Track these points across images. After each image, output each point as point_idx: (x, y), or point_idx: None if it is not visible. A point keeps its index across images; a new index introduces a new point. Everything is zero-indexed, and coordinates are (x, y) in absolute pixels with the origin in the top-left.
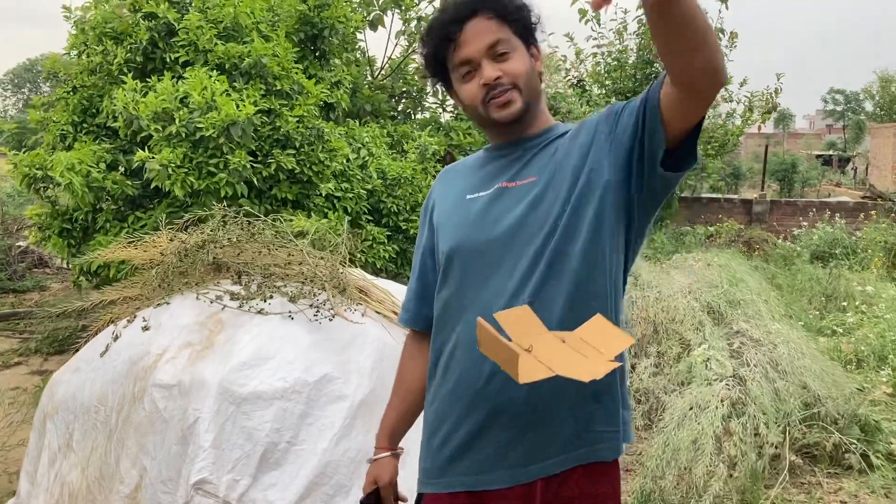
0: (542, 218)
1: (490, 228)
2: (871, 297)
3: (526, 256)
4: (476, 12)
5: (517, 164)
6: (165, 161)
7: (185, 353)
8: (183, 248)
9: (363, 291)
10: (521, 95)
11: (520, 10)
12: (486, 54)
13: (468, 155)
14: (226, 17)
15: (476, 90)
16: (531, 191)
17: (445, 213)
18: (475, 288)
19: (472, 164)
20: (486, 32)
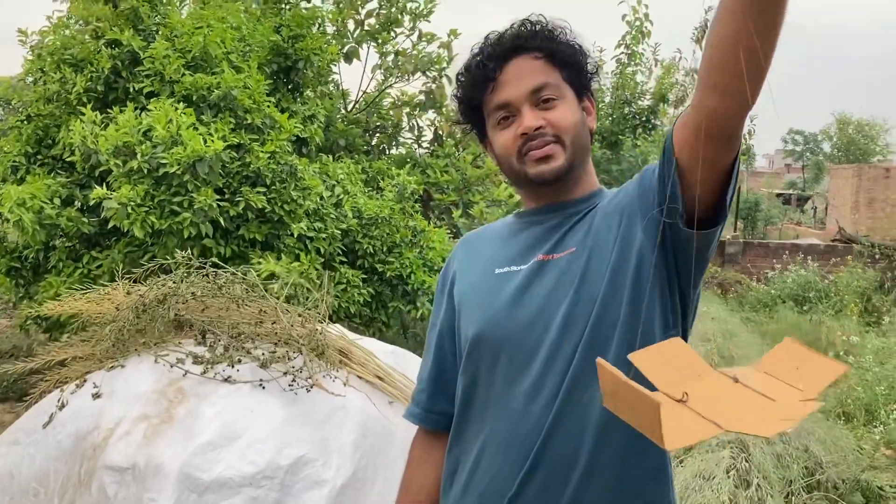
0: (588, 300)
1: (530, 312)
2: (855, 346)
3: (569, 344)
4: (522, 49)
5: (555, 233)
6: (125, 199)
7: (141, 428)
8: (141, 303)
9: (343, 353)
10: (564, 151)
11: (574, 54)
12: (528, 99)
13: (446, 193)
14: (195, 47)
15: (511, 140)
16: (574, 267)
17: (470, 290)
18: (507, 381)
19: (500, 231)
20: (530, 74)
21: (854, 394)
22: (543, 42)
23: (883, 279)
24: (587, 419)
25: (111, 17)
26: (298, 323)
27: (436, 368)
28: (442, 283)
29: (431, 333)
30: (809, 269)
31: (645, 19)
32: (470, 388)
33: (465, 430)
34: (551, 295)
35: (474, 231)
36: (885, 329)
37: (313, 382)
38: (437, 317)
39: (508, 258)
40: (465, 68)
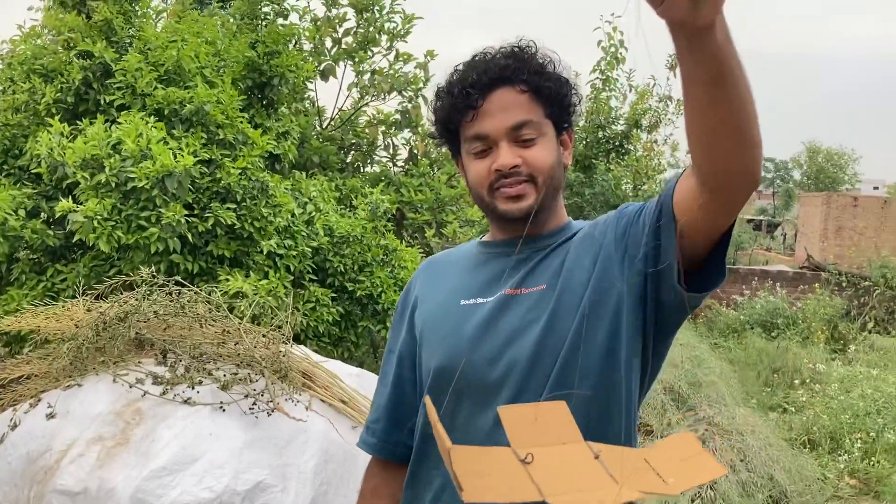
0: (558, 339)
1: (494, 348)
2: (821, 374)
3: (536, 384)
4: (508, 81)
5: (523, 267)
6: (91, 212)
7: (95, 451)
8: (101, 321)
9: (307, 375)
10: (535, 191)
11: (560, 89)
12: (507, 135)
13: (418, 212)
14: (168, 60)
15: (485, 172)
16: (543, 304)
17: (433, 319)
18: (468, 418)
19: (464, 258)
20: (513, 108)
21: (819, 422)
22: (531, 76)
23: (850, 307)
24: None
25: (84, 29)
26: (262, 344)
27: (394, 397)
28: (402, 307)
29: (389, 359)
30: (778, 295)
31: (620, 45)
32: (428, 422)
33: (423, 466)
34: (518, 331)
35: (437, 255)
36: (851, 357)
37: (275, 406)
38: (395, 342)
39: (474, 289)
40: (447, 89)
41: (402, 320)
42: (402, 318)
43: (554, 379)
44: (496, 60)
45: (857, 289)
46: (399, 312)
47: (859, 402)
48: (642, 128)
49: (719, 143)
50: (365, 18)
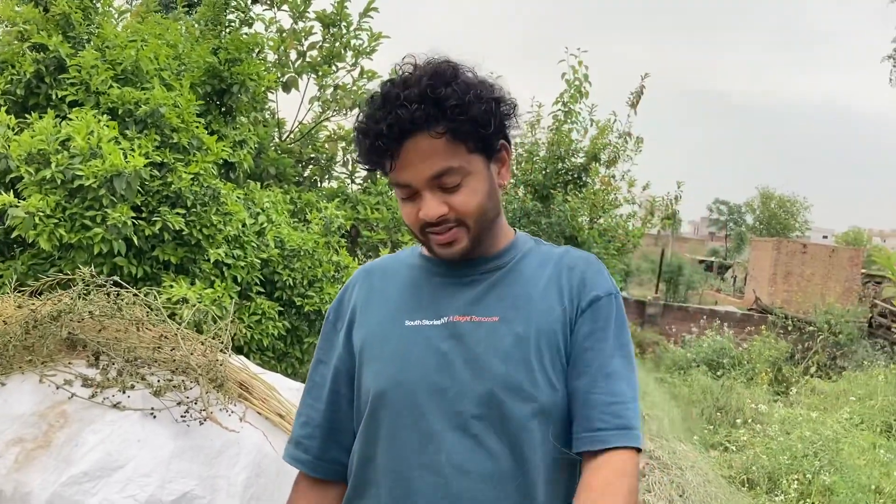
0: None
1: (446, 377)
2: (763, 414)
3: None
4: (420, 128)
5: (469, 290)
6: (33, 208)
7: (13, 453)
8: (32, 318)
9: (244, 386)
10: (468, 234)
11: (482, 118)
12: (428, 184)
13: (374, 230)
14: (126, 60)
15: (414, 217)
16: (497, 337)
17: (377, 339)
18: (409, 446)
19: (405, 271)
20: (430, 157)
21: (759, 461)
22: (445, 120)
23: (794, 351)
24: None
25: (40, 21)
26: (199, 351)
27: (329, 413)
28: (335, 316)
29: (321, 371)
30: (725, 335)
31: (584, 80)
32: (369, 447)
33: (364, 493)
34: (472, 363)
35: (375, 263)
36: (793, 400)
37: (207, 415)
38: (328, 354)
39: (419, 309)
40: (360, 129)
41: (336, 332)
42: (334, 329)
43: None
44: (404, 108)
45: (801, 333)
46: (331, 321)
47: (798, 444)
48: (601, 162)
49: None
50: (331, 33)
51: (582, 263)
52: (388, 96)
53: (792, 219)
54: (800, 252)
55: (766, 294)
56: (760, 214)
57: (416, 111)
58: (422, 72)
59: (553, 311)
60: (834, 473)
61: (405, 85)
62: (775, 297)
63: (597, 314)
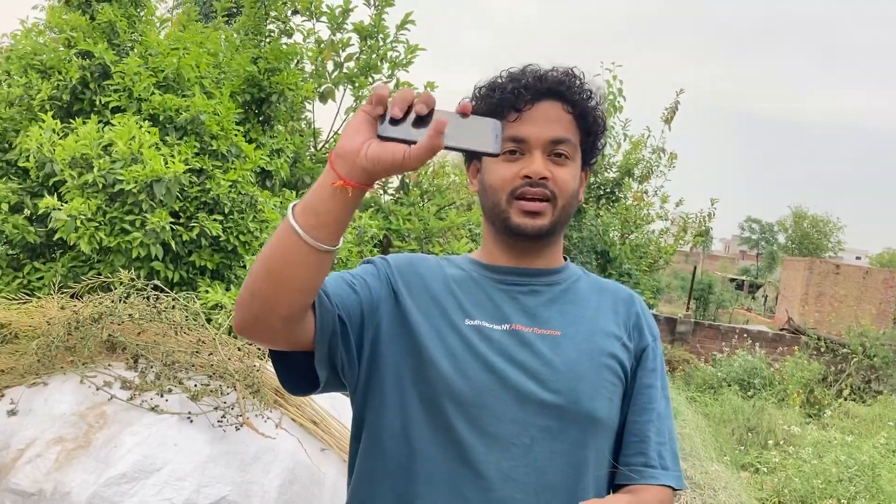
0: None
1: (511, 383)
2: (796, 436)
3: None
4: (559, 96)
5: (529, 299)
6: (75, 212)
7: (54, 452)
8: (74, 320)
9: (280, 393)
10: (553, 212)
11: (598, 123)
12: (544, 146)
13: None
14: (168, 67)
15: (511, 177)
16: (560, 351)
17: (429, 331)
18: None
19: (452, 273)
20: (557, 122)
21: (791, 484)
22: (581, 99)
23: (827, 372)
24: None
25: (87, 29)
26: (236, 357)
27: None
28: (378, 267)
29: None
30: (756, 355)
31: (618, 94)
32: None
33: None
34: (535, 374)
35: (414, 257)
36: (826, 422)
37: (244, 421)
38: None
39: (478, 310)
40: (492, 87)
41: (380, 278)
42: (378, 274)
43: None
44: (552, 73)
45: (835, 355)
46: (376, 265)
47: (832, 468)
48: (634, 177)
49: None
50: (368, 45)
51: (637, 303)
52: (533, 66)
53: (825, 239)
54: (833, 273)
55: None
56: (793, 234)
57: (562, 81)
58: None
59: (613, 337)
60: (871, 500)
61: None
62: (807, 317)
63: (653, 356)
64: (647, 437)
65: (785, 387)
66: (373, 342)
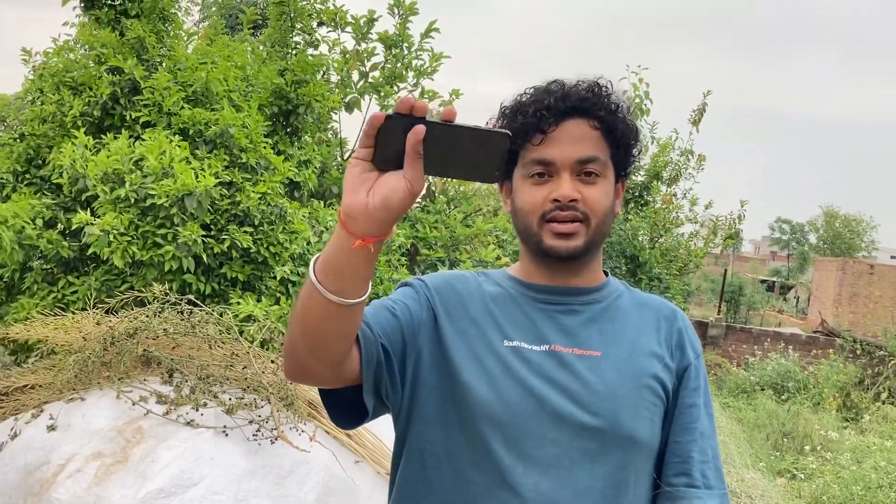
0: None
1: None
2: (833, 441)
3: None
4: (584, 113)
5: (568, 318)
6: (108, 226)
7: (93, 467)
8: (110, 335)
9: (314, 405)
10: (586, 233)
11: (629, 135)
12: (572, 167)
13: (432, 248)
14: (196, 81)
15: (541, 200)
16: (600, 372)
17: (467, 352)
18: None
19: (492, 289)
20: (583, 141)
21: (829, 491)
22: (607, 113)
23: (863, 375)
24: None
25: (116, 45)
26: (270, 370)
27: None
28: (418, 290)
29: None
30: (790, 358)
31: (645, 97)
32: (456, 461)
33: None
34: (575, 396)
35: (451, 275)
36: (864, 427)
37: (278, 434)
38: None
39: (517, 330)
40: (517, 108)
41: (419, 300)
42: (417, 296)
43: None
44: (575, 90)
45: (871, 357)
46: (415, 289)
47: (871, 474)
48: (662, 180)
49: None
50: (393, 54)
51: (679, 319)
52: (557, 83)
53: (857, 238)
54: (867, 273)
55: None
56: (824, 234)
57: (586, 97)
58: (584, 77)
59: (654, 356)
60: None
61: (571, 80)
62: (841, 318)
63: (696, 374)
64: (690, 458)
65: (820, 390)
66: (415, 367)
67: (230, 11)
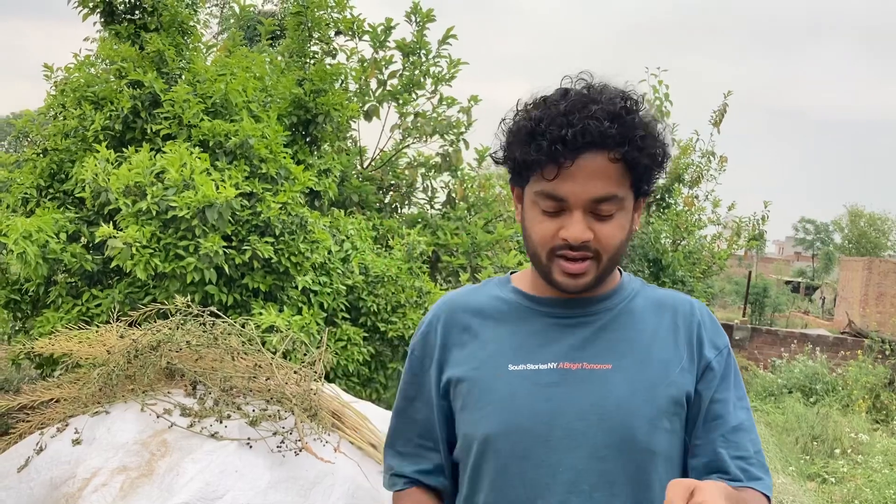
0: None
1: (559, 426)
2: (863, 444)
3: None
4: (602, 146)
5: (577, 332)
6: (130, 239)
7: (118, 481)
8: (133, 348)
9: (337, 416)
10: (597, 268)
11: (654, 158)
12: (585, 206)
13: (454, 255)
14: (216, 93)
15: (551, 235)
16: (611, 387)
17: (475, 382)
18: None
19: (498, 307)
20: (600, 179)
21: (862, 495)
22: (630, 148)
23: (893, 376)
24: None
25: (136, 59)
26: (293, 381)
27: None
28: (422, 352)
29: (420, 409)
30: (817, 360)
31: (665, 99)
32: (474, 494)
33: None
34: (585, 414)
35: (458, 297)
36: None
37: (302, 445)
38: (421, 393)
39: (523, 352)
40: (529, 133)
41: (425, 370)
42: (422, 367)
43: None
44: (596, 120)
45: None
46: (418, 358)
47: None
48: (684, 182)
49: None
50: (411, 62)
51: (698, 313)
52: (577, 104)
53: (883, 237)
54: (893, 272)
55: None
56: (849, 233)
57: (607, 131)
58: (611, 93)
59: (671, 360)
60: None
61: (594, 98)
62: (868, 319)
63: (719, 367)
64: (717, 454)
65: (849, 392)
66: None
67: (248, 23)
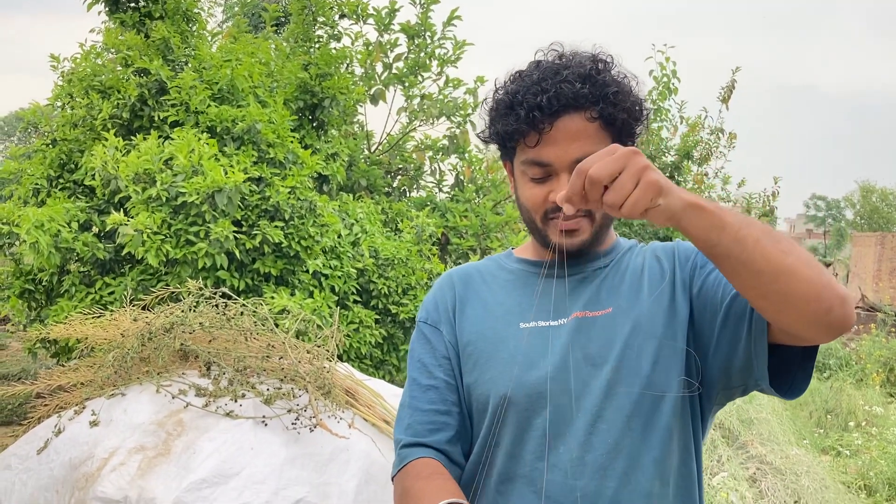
0: (633, 368)
1: (571, 376)
2: (878, 417)
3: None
4: (578, 107)
5: (582, 287)
6: (141, 226)
7: (136, 460)
8: (147, 331)
9: (350, 393)
10: (591, 225)
11: (630, 112)
12: (570, 167)
13: (463, 237)
14: (222, 79)
15: (541, 200)
16: (614, 328)
17: (486, 342)
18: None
19: (503, 275)
20: (580, 138)
21: (877, 467)
22: (604, 105)
23: None
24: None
25: (142, 47)
26: (306, 359)
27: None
28: (435, 318)
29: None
30: None
31: (672, 76)
32: (490, 450)
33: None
34: (594, 357)
35: (462, 268)
36: None
37: (317, 422)
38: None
39: (532, 310)
40: (510, 101)
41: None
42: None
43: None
44: (568, 83)
45: None
46: (431, 324)
47: None
48: (693, 160)
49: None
50: (416, 44)
51: (676, 242)
52: (548, 71)
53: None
54: None
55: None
56: (861, 209)
57: (579, 91)
58: (581, 57)
59: (663, 289)
60: None
61: (565, 64)
62: (881, 293)
63: (703, 259)
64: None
65: (863, 366)
66: None
67: (252, 10)
